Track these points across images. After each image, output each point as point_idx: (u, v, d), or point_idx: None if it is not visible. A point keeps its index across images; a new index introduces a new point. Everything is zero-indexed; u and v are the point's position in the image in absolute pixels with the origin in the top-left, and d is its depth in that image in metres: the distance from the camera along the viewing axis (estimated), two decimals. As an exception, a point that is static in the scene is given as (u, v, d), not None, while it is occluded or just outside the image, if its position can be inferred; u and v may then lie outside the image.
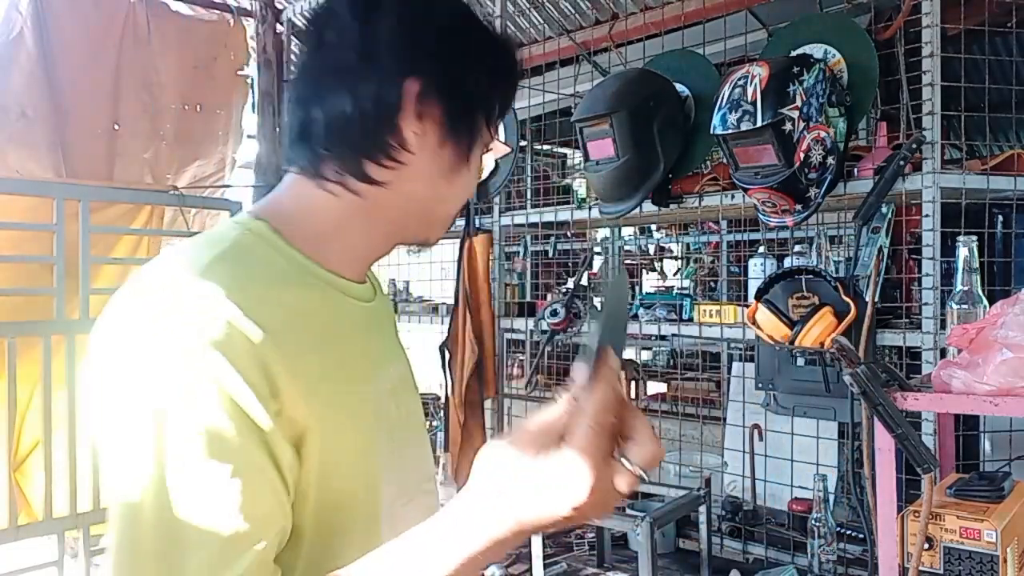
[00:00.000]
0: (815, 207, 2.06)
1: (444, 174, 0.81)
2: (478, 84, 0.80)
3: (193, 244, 0.75)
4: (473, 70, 0.80)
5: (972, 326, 1.44)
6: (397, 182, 0.79)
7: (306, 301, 0.76)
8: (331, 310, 0.79)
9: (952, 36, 2.27)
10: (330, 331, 0.77)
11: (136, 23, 3.71)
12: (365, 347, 0.83)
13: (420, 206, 0.82)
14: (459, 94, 0.79)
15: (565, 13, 3.55)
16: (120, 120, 3.69)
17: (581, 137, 2.42)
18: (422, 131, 0.77)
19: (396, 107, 0.76)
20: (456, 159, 0.81)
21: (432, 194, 0.82)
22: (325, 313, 0.78)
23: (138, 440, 0.64)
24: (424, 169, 0.79)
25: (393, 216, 0.82)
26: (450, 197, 0.84)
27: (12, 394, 2.69)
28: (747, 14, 2.70)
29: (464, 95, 0.80)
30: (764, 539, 2.47)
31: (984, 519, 1.39)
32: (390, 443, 0.81)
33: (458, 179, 0.82)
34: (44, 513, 2.76)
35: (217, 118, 4.02)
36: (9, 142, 3.35)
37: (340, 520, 0.75)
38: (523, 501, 0.61)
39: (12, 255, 3.02)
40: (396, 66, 0.76)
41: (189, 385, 0.64)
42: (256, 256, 0.75)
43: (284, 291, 0.74)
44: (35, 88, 3.41)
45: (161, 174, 3.81)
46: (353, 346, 0.80)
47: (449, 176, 0.81)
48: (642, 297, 2.91)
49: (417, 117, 0.77)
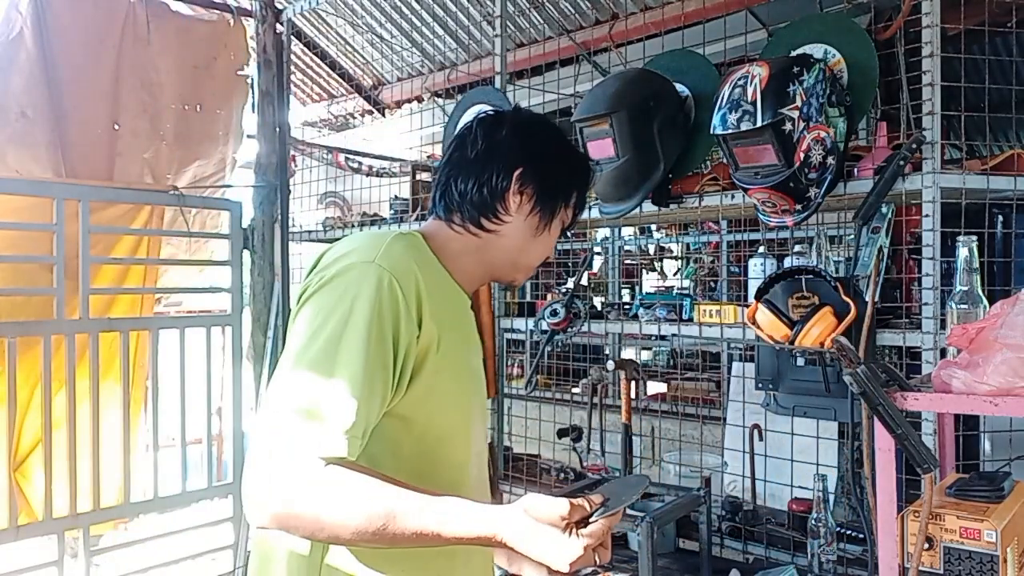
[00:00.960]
0: (815, 207, 2.06)
1: (531, 234, 1.27)
2: (559, 176, 1.29)
3: (383, 231, 1.22)
4: (557, 167, 1.29)
5: (972, 326, 1.44)
6: (500, 233, 1.25)
7: (445, 285, 1.22)
8: (455, 299, 1.25)
9: (952, 36, 2.28)
10: (455, 309, 1.23)
11: (136, 23, 3.71)
12: (468, 330, 1.27)
13: (512, 254, 1.28)
14: (547, 182, 1.26)
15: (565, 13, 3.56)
16: (120, 120, 3.69)
17: (581, 137, 2.42)
18: (518, 202, 1.24)
19: (506, 186, 1.24)
20: (540, 224, 1.27)
21: (521, 245, 1.27)
22: (454, 298, 1.24)
23: (325, 324, 1.05)
24: (518, 228, 1.26)
25: (493, 256, 1.27)
26: (532, 251, 1.29)
27: (12, 394, 2.69)
28: (747, 14, 2.70)
29: (549, 182, 1.26)
30: (764, 539, 2.47)
31: (984, 519, 1.38)
32: (479, 405, 1.28)
33: (540, 239, 1.28)
34: (44, 513, 2.76)
35: (217, 118, 4.02)
36: (9, 142, 3.35)
37: (443, 440, 1.18)
38: (526, 534, 0.98)
39: (12, 255, 3.02)
40: (508, 161, 1.24)
41: (372, 298, 1.06)
42: (422, 248, 1.21)
43: (435, 272, 1.20)
44: (35, 88, 3.41)
45: (161, 174, 3.81)
46: (463, 326, 1.25)
47: (534, 235, 1.27)
48: (642, 297, 2.91)
49: (518, 192, 1.24)
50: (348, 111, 5.90)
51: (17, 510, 2.84)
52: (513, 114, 1.32)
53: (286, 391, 1.02)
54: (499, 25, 3.01)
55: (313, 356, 1.03)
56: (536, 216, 1.26)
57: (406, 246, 1.15)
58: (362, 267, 1.08)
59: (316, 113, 5.95)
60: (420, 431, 1.14)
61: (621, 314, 2.89)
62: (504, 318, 3.02)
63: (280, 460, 0.98)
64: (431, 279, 1.15)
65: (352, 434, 1.01)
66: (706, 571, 2.29)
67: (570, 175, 1.31)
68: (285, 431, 0.99)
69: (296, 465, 0.98)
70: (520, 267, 1.30)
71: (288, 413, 1.00)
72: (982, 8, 2.26)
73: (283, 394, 1.02)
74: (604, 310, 3.01)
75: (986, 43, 2.42)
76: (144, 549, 3.08)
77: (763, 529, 2.48)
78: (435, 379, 1.13)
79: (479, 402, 1.28)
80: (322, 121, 5.92)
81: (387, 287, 1.06)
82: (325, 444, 0.99)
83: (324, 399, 1.01)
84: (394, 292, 1.06)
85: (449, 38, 4.25)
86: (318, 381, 1.02)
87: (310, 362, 1.03)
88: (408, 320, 1.07)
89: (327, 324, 1.05)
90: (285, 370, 1.04)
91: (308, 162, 4.76)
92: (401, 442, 1.13)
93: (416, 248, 1.18)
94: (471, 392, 1.24)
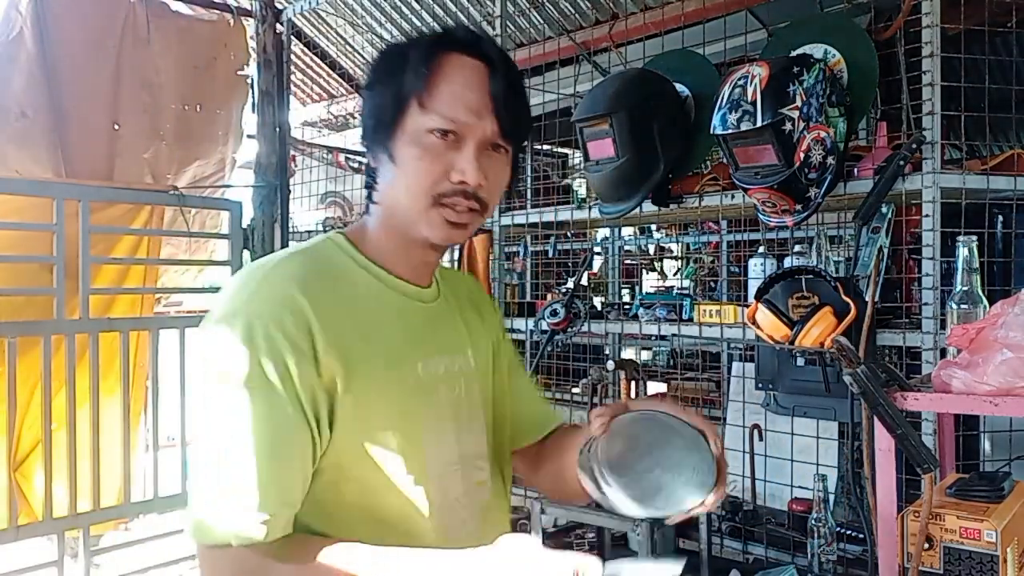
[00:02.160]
0: (815, 207, 2.06)
1: (395, 157, 1.00)
2: (378, 77, 1.03)
3: (277, 256, 1.01)
4: (375, 71, 1.04)
5: (972, 326, 1.44)
6: (383, 180, 1.03)
7: (362, 295, 1.01)
8: (382, 303, 1.03)
9: (952, 36, 2.27)
10: (380, 319, 1.01)
11: (136, 23, 3.71)
12: (415, 337, 1.04)
13: (395, 194, 1.01)
14: (369, 92, 1.03)
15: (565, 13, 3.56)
16: (120, 120, 3.69)
17: (581, 137, 2.42)
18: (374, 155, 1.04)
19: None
20: (390, 136, 1.00)
21: (392, 179, 1.00)
22: (374, 305, 1.02)
23: (211, 395, 0.91)
24: (384, 161, 1.01)
25: (392, 212, 1.03)
26: (404, 175, 0.99)
27: (12, 394, 2.68)
28: (747, 14, 2.70)
29: (370, 90, 1.03)
30: (764, 539, 2.47)
31: (984, 519, 1.38)
32: (437, 416, 1.04)
33: (393, 172, 1.00)
34: (44, 513, 2.76)
35: (217, 118, 4.01)
36: (9, 142, 3.35)
37: (387, 473, 0.97)
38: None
39: (12, 255, 3.02)
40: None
41: (244, 359, 0.89)
42: (331, 258, 1.02)
43: (346, 284, 1.00)
44: (35, 88, 3.41)
45: (161, 174, 3.81)
46: (399, 333, 1.02)
47: (396, 157, 1.00)
48: (642, 297, 2.91)
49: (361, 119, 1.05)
50: (348, 111, 5.89)
51: (17, 510, 2.83)
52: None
53: (199, 476, 0.92)
54: (499, 25, 3.01)
55: (209, 449, 0.91)
56: (378, 155, 1.02)
57: (295, 269, 0.97)
58: (223, 326, 0.91)
59: (316, 113, 5.94)
60: (357, 474, 0.97)
61: (621, 314, 2.89)
62: (504, 318, 3.02)
63: (207, 543, 0.89)
64: (335, 295, 0.97)
65: (268, 511, 0.88)
66: (706, 571, 2.29)
67: (388, 68, 1.02)
68: (203, 511, 0.89)
69: (221, 557, 0.89)
70: (413, 207, 0.99)
71: (200, 497, 0.90)
72: (982, 8, 2.26)
73: (196, 478, 0.92)
74: (604, 310, 3.01)
75: (986, 43, 2.42)
76: (144, 549, 3.08)
77: (763, 529, 2.48)
78: (355, 413, 0.95)
79: (443, 414, 1.05)
80: (322, 121, 5.92)
81: (261, 336, 0.89)
82: (242, 529, 0.88)
83: (229, 482, 0.89)
84: (270, 340, 0.89)
85: (449, 38, 4.23)
86: (221, 468, 0.90)
87: (207, 454, 0.91)
88: (300, 360, 0.90)
89: (211, 415, 0.91)
90: (195, 456, 0.93)
91: (308, 162, 4.76)
92: (342, 490, 0.97)
93: (314, 262, 1.00)
94: (421, 407, 1.02)
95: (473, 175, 0.97)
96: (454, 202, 0.98)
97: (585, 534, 2.71)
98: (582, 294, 2.82)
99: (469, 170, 0.97)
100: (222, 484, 0.89)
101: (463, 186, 0.98)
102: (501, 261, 3.05)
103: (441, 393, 1.05)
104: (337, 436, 0.94)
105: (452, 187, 0.98)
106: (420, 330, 1.05)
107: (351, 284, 1.01)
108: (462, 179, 0.97)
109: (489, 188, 1.00)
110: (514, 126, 1.01)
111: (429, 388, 1.03)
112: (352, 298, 0.99)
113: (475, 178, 0.97)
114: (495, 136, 1.00)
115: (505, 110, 0.99)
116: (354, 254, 1.03)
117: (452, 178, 0.98)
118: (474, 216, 1.01)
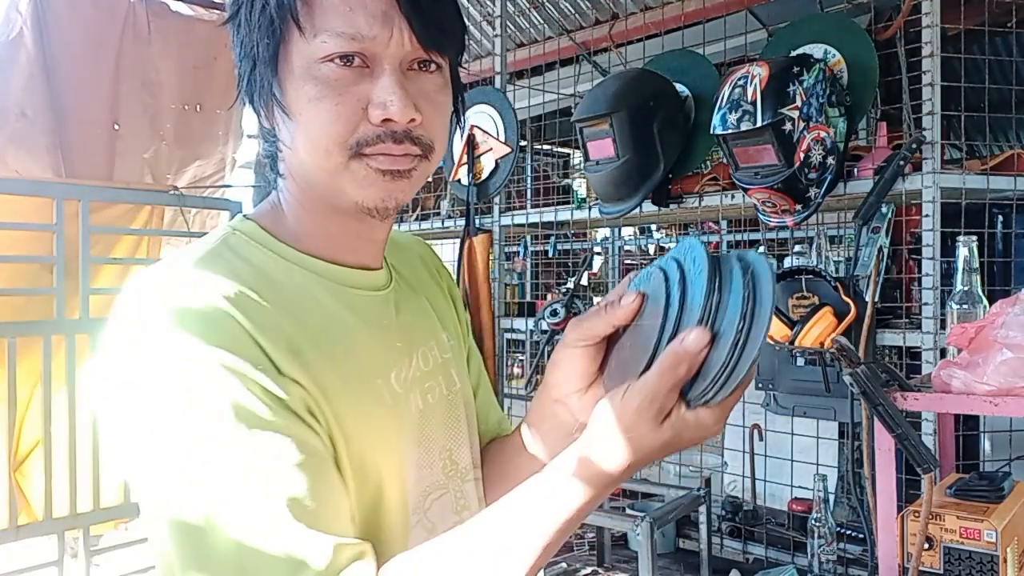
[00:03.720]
0: (815, 207, 2.06)
1: (289, 129, 0.74)
2: (239, 35, 0.76)
3: (183, 250, 0.75)
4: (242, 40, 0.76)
5: (972, 326, 1.44)
6: (285, 145, 0.76)
7: (291, 298, 0.73)
8: (327, 305, 0.76)
9: (952, 36, 2.28)
10: (326, 326, 0.75)
11: (136, 23, 3.71)
12: (379, 340, 0.79)
13: (302, 152, 0.74)
14: (241, 59, 0.78)
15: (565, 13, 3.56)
16: (120, 120, 3.69)
17: (581, 137, 2.42)
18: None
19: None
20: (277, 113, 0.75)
21: (294, 138, 0.74)
22: (317, 308, 0.75)
23: (173, 453, 0.64)
24: (283, 122, 0.75)
25: (301, 180, 0.77)
26: (307, 144, 0.73)
27: (12, 394, 2.68)
28: (747, 14, 2.70)
29: (241, 56, 0.77)
30: (764, 539, 2.47)
31: (984, 519, 1.38)
32: (416, 437, 0.80)
33: (292, 127, 0.73)
34: (44, 513, 2.76)
35: (217, 118, 4.01)
36: (9, 142, 3.35)
37: (376, 518, 0.74)
38: (646, 438, 0.65)
39: (12, 255, 3.02)
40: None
41: (196, 383, 0.64)
42: (238, 257, 0.74)
43: (269, 288, 0.72)
44: (35, 88, 3.41)
45: (161, 174, 3.81)
46: (359, 340, 0.77)
47: (287, 131, 0.75)
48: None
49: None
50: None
51: (17, 510, 2.83)
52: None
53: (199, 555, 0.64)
54: (499, 25, 3.01)
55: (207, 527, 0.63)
56: (262, 75, 0.74)
57: (209, 276, 0.69)
58: (157, 370, 0.65)
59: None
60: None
61: (621, 314, 2.88)
62: (504, 318, 3.02)
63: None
64: (270, 306, 0.70)
65: (337, 531, 0.65)
66: (706, 571, 2.29)
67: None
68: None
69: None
70: (328, 166, 0.72)
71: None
72: (982, 8, 2.26)
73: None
74: (604, 310, 3.01)
75: (986, 43, 2.42)
76: (144, 549, 3.08)
77: (763, 529, 2.48)
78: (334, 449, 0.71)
79: (429, 430, 0.82)
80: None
81: (216, 364, 0.64)
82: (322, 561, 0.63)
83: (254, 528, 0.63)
84: (231, 367, 0.65)
85: (449, 38, 4.24)
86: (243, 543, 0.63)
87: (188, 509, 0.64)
88: (275, 378, 0.67)
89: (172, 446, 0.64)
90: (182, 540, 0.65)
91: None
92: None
93: (228, 265, 0.72)
94: (402, 429, 0.78)
95: (399, 108, 0.70)
96: (381, 149, 0.71)
97: (585, 534, 2.71)
98: (582, 294, 2.82)
99: (392, 101, 0.70)
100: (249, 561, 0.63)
101: (389, 125, 0.71)
102: (501, 261, 3.05)
103: (416, 406, 0.81)
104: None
105: (374, 130, 0.71)
106: (383, 328, 0.80)
107: (279, 286, 0.73)
108: (385, 116, 0.70)
109: (427, 121, 0.73)
110: (440, 29, 0.73)
111: (404, 406, 0.79)
112: (288, 305, 0.72)
113: (403, 111, 0.70)
114: (416, 48, 0.72)
115: (424, 8, 0.71)
116: (275, 245, 0.76)
117: (372, 117, 0.70)
118: (417, 162, 0.74)
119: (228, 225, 0.79)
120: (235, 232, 0.77)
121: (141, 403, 0.65)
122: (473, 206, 2.94)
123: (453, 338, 0.91)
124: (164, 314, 0.66)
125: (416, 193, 0.80)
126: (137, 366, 0.66)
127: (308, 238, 0.78)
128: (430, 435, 0.83)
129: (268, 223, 0.78)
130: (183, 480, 0.64)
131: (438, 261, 0.99)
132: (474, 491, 0.88)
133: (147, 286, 0.69)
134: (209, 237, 0.77)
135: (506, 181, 2.89)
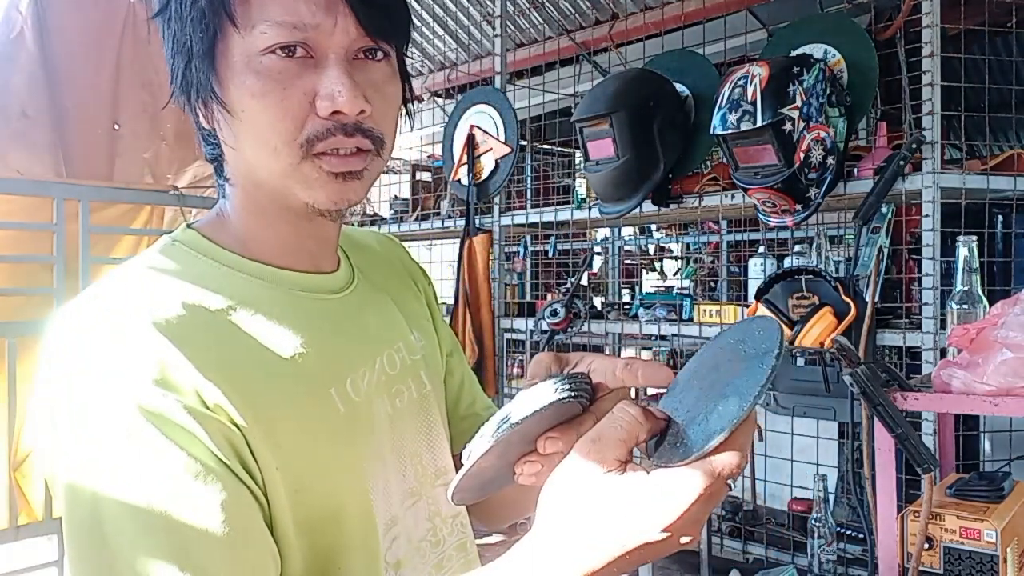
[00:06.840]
0: (815, 207, 2.06)
1: (232, 129, 0.70)
2: (170, 29, 0.70)
3: (117, 270, 0.71)
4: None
5: (972, 326, 1.44)
6: (229, 147, 0.72)
7: (236, 311, 0.69)
8: (275, 314, 0.71)
9: (952, 36, 2.28)
10: (273, 338, 0.70)
11: (136, 23, 3.71)
12: (333, 347, 0.74)
13: (251, 152, 0.70)
14: (173, 54, 0.71)
15: (565, 13, 3.56)
16: (120, 120, 3.69)
17: (581, 137, 2.42)
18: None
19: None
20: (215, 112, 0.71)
21: (240, 138, 0.70)
22: (264, 318, 0.70)
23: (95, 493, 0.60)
24: (227, 122, 0.70)
25: (251, 184, 0.73)
26: (252, 143, 0.69)
27: (12, 394, 2.69)
28: (747, 14, 2.70)
29: (174, 52, 0.71)
30: (764, 539, 2.47)
31: (984, 519, 1.39)
32: (380, 446, 0.76)
33: (235, 126, 0.70)
34: (44, 513, 2.76)
35: (217, 118, 4.02)
36: (9, 142, 3.35)
37: (336, 536, 0.70)
38: (600, 535, 0.55)
39: (12, 255, 3.02)
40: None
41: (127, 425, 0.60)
42: (176, 272, 0.70)
43: (208, 303, 0.68)
44: (35, 88, 3.42)
45: (161, 174, 3.81)
46: (311, 348, 0.72)
47: (230, 131, 0.71)
48: (642, 297, 2.91)
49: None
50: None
51: (17, 510, 2.83)
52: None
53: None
54: (499, 25, 3.01)
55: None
56: (198, 71, 0.69)
57: (141, 301, 0.65)
58: (87, 411, 0.61)
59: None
60: (299, 543, 0.68)
61: (621, 314, 2.89)
62: (504, 318, 3.02)
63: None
64: (209, 324, 0.67)
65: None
66: (706, 571, 2.29)
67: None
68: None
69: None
70: (276, 165, 0.69)
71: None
72: (982, 8, 2.26)
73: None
74: (604, 310, 3.01)
75: (986, 43, 2.42)
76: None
77: (763, 529, 2.49)
78: (282, 478, 0.67)
79: (397, 439, 0.78)
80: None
81: (144, 411, 0.60)
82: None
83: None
84: (158, 414, 0.61)
85: (449, 38, 4.25)
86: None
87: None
88: (206, 423, 0.62)
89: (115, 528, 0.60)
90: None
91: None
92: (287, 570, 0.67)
93: (162, 284, 0.68)
94: (362, 443, 0.73)
95: (348, 98, 0.66)
96: (332, 144, 0.68)
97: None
98: (582, 294, 2.82)
99: (341, 92, 0.66)
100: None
101: (339, 118, 0.67)
102: (501, 261, 3.05)
103: (384, 413, 0.76)
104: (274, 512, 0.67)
105: (323, 123, 0.67)
106: (339, 333, 0.76)
107: (224, 299, 0.69)
108: (334, 108, 0.66)
109: (378, 113, 0.70)
110: (387, 16, 0.70)
111: (368, 407, 0.75)
112: (222, 323, 0.68)
113: (352, 102, 0.66)
114: (362, 36, 0.68)
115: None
116: (217, 253, 0.72)
117: (320, 109, 0.67)
118: (368, 158, 0.71)
119: (168, 236, 0.75)
120: (174, 243, 0.73)
121: (66, 448, 0.62)
122: (473, 206, 2.95)
123: (424, 339, 0.87)
124: (85, 351, 0.63)
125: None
126: (61, 412, 0.63)
127: (255, 243, 0.74)
128: (401, 440, 0.78)
129: (211, 231, 0.74)
130: (91, 536, 0.60)
131: (415, 264, 0.96)
132: (443, 496, 0.81)
133: (74, 318, 0.65)
134: (149, 250, 0.73)
135: (506, 181, 2.89)
